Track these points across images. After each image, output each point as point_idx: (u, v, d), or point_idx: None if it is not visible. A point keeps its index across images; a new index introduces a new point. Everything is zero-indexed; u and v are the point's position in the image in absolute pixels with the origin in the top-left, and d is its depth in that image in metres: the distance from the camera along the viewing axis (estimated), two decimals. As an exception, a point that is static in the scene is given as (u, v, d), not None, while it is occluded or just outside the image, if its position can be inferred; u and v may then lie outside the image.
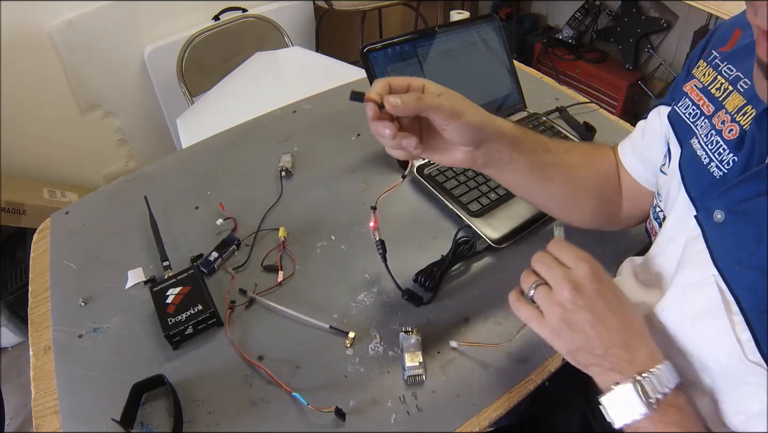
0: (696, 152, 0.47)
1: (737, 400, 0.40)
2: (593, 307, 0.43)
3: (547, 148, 0.58)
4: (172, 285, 0.65)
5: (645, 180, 0.62)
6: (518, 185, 0.59)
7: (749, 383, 0.38)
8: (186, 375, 0.59)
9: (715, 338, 0.40)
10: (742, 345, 0.38)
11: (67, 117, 1.79)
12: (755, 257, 0.38)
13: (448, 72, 0.87)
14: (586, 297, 0.43)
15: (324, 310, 0.65)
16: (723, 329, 0.39)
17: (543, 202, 0.63)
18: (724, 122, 0.45)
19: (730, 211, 0.41)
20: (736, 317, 0.39)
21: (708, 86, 0.49)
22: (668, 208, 0.52)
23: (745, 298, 0.38)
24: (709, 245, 0.42)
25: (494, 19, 0.93)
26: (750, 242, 0.39)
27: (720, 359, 0.40)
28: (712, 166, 0.45)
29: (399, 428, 0.54)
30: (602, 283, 0.44)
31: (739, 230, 0.40)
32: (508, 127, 0.54)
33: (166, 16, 1.82)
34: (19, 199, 1.56)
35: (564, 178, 0.60)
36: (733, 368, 0.39)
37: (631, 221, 0.67)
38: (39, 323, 0.67)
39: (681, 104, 0.52)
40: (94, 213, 0.82)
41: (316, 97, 1.07)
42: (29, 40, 1.59)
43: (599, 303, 0.43)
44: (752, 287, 0.38)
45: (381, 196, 0.54)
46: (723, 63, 0.49)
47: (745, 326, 0.38)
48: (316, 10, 2.14)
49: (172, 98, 1.83)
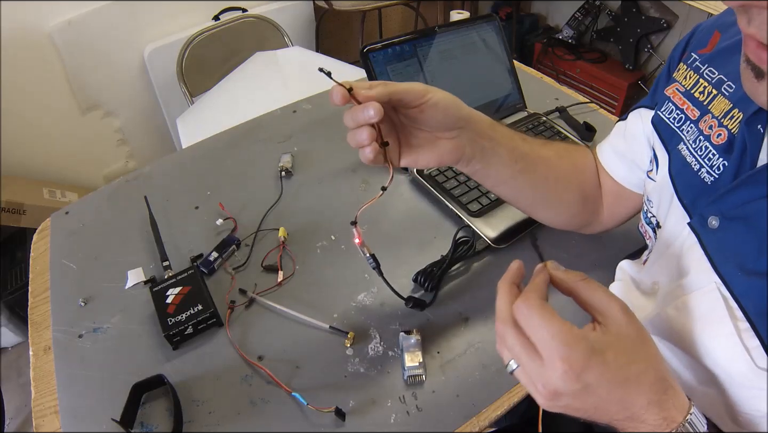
0: (685, 159, 0.47)
1: (745, 402, 0.40)
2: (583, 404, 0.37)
3: (523, 137, 0.58)
4: (172, 285, 0.65)
5: (628, 182, 0.61)
6: (505, 180, 0.58)
7: (759, 387, 0.38)
8: (186, 375, 0.59)
9: (722, 347, 0.40)
10: (749, 352, 0.38)
11: (67, 117, 1.79)
12: (759, 262, 0.37)
13: (448, 72, 0.87)
14: (569, 399, 0.37)
15: (324, 310, 0.65)
16: (729, 336, 0.39)
17: (528, 197, 0.62)
18: (712, 127, 0.45)
19: (725, 216, 0.40)
20: (742, 323, 0.38)
21: (691, 90, 0.49)
22: (662, 215, 0.51)
23: (749, 304, 0.38)
24: (707, 252, 0.41)
25: (494, 19, 0.93)
26: (751, 247, 0.38)
27: (727, 368, 0.40)
28: (703, 172, 0.44)
29: (399, 428, 0.54)
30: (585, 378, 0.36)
31: (738, 235, 0.39)
32: (482, 115, 0.54)
33: (166, 16, 1.82)
34: (19, 199, 1.56)
35: (546, 169, 0.60)
36: (741, 375, 0.39)
37: (612, 221, 0.66)
38: (39, 323, 0.67)
39: (664, 109, 0.52)
40: (94, 213, 0.82)
41: (316, 97, 1.07)
42: (29, 40, 1.59)
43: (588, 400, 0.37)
44: (757, 292, 0.37)
45: (361, 209, 0.50)
46: (704, 66, 0.48)
47: (752, 332, 0.37)
48: (316, 10, 2.14)
49: (172, 98, 1.83)
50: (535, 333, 0.37)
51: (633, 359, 0.37)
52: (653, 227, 0.54)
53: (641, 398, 0.37)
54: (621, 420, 0.38)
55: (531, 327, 0.37)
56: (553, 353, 0.35)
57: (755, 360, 0.37)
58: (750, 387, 0.38)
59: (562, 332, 0.36)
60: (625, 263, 0.59)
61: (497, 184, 0.59)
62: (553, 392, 0.37)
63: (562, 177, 0.61)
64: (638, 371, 0.37)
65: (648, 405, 0.37)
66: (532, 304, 0.37)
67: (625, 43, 2.21)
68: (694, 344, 0.43)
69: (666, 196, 0.50)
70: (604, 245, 0.73)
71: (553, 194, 0.62)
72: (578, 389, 0.36)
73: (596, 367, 0.35)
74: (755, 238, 0.38)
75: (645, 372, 0.37)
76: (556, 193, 0.62)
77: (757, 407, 0.39)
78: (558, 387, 0.36)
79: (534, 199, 0.62)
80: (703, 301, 0.42)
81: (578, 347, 0.35)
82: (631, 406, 0.37)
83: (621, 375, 0.36)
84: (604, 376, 0.36)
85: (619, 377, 0.36)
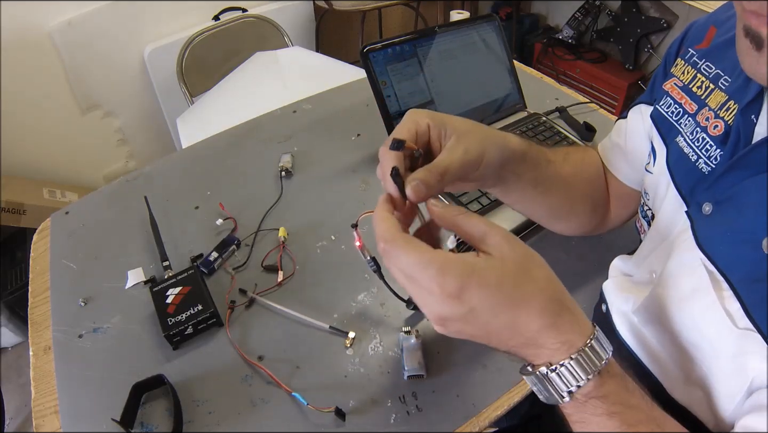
0: (683, 150, 0.48)
1: (730, 377, 0.40)
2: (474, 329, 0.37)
3: (549, 159, 0.57)
4: (172, 285, 0.65)
5: (632, 181, 0.62)
6: (522, 201, 0.58)
7: (741, 353, 0.38)
8: (186, 375, 0.59)
9: (704, 315, 0.40)
10: (731, 315, 0.38)
11: (67, 117, 1.79)
12: (739, 233, 0.38)
13: (448, 72, 0.87)
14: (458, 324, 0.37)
15: (324, 310, 0.65)
16: (711, 304, 0.39)
17: (542, 214, 0.63)
18: (708, 119, 0.46)
19: (716, 201, 0.41)
20: (725, 292, 0.39)
21: (689, 84, 0.50)
22: (657, 207, 0.52)
23: (733, 273, 0.38)
24: (694, 231, 0.42)
25: (494, 19, 0.93)
26: (732, 220, 0.39)
27: (710, 335, 0.40)
28: (701, 162, 0.45)
29: (399, 428, 0.54)
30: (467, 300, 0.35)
31: (724, 215, 0.40)
32: (517, 143, 0.51)
33: (166, 16, 1.82)
34: (19, 199, 1.56)
35: (564, 189, 0.59)
36: (723, 341, 0.39)
37: (618, 221, 0.67)
38: (39, 323, 0.67)
39: (663, 103, 0.53)
40: (94, 213, 0.82)
41: (316, 97, 1.07)
42: (29, 40, 1.59)
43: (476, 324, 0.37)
44: (740, 260, 0.38)
45: (362, 215, 0.49)
46: (701, 61, 0.49)
47: (734, 298, 0.38)
48: (316, 10, 2.14)
49: (172, 98, 1.83)
50: (407, 269, 0.36)
51: (519, 282, 0.36)
52: (648, 220, 0.55)
53: (534, 321, 0.36)
54: (518, 346, 0.37)
55: (403, 266, 0.37)
56: (430, 282, 0.35)
57: (736, 322, 0.38)
58: (734, 355, 0.39)
59: (434, 259, 0.35)
60: (618, 260, 0.60)
61: (513, 203, 0.59)
62: (439, 317, 0.37)
63: (578, 192, 0.62)
64: (526, 293, 0.36)
65: (543, 329, 0.36)
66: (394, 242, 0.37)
67: (625, 43, 2.21)
68: (681, 321, 0.44)
69: (662, 187, 0.50)
70: (604, 245, 0.73)
71: (567, 209, 0.62)
72: (464, 312, 0.36)
73: (477, 289, 0.35)
74: (740, 212, 0.39)
75: (534, 294, 0.36)
76: (571, 208, 0.62)
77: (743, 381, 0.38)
78: (443, 312, 0.36)
79: (549, 215, 0.63)
80: (689, 276, 0.42)
81: (453, 270, 0.35)
82: (524, 330, 0.36)
83: (506, 297, 0.36)
84: (487, 299, 0.35)
85: (504, 299, 0.36)
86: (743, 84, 0.42)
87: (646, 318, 0.49)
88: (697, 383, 0.44)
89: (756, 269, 0.36)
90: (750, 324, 0.37)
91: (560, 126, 0.94)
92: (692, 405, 0.45)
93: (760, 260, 0.36)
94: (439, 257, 0.36)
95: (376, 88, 0.80)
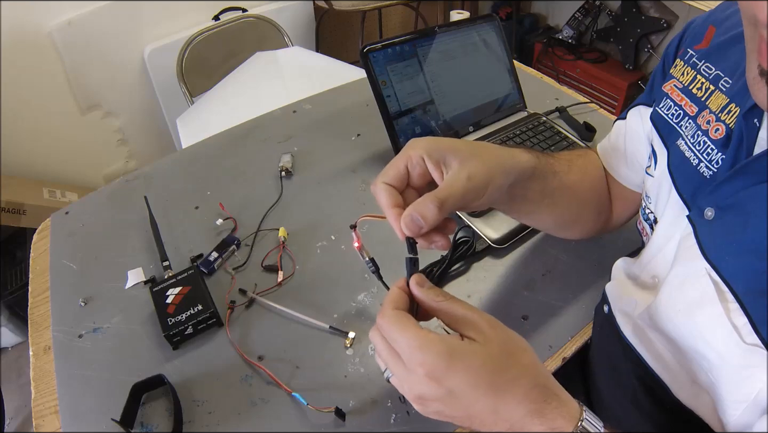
0: (684, 154, 0.47)
1: (737, 386, 0.40)
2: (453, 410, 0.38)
3: (555, 170, 0.56)
4: (172, 285, 0.65)
5: (633, 183, 0.62)
6: (528, 214, 0.57)
7: (748, 366, 0.38)
8: (186, 375, 0.59)
9: (710, 327, 0.40)
10: (738, 330, 0.38)
11: (67, 117, 1.79)
12: (744, 243, 0.38)
13: (448, 72, 0.87)
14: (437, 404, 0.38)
15: (324, 310, 0.65)
16: (717, 316, 0.39)
17: (549, 225, 0.63)
18: (710, 122, 0.45)
19: (719, 207, 0.41)
20: (731, 304, 0.38)
21: (689, 86, 0.49)
22: (659, 210, 0.51)
23: (738, 284, 0.38)
24: (698, 239, 0.42)
25: (494, 19, 0.93)
26: (737, 230, 0.39)
27: (717, 347, 0.40)
28: (702, 166, 0.45)
29: (399, 428, 0.54)
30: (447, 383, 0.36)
31: (728, 223, 0.40)
32: (526, 159, 0.50)
33: (166, 16, 1.82)
34: (19, 199, 1.56)
35: (570, 199, 0.59)
36: (730, 353, 0.39)
37: (619, 221, 0.67)
38: (39, 323, 0.67)
39: (662, 105, 0.52)
40: (94, 213, 0.82)
41: (316, 97, 1.07)
42: (29, 40, 1.59)
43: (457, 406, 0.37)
44: (744, 271, 0.38)
45: (362, 218, 0.49)
46: (701, 61, 0.48)
47: (741, 311, 0.38)
48: (316, 10, 2.14)
49: (172, 98, 1.83)
50: (395, 343, 0.38)
51: (502, 367, 0.37)
52: (650, 223, 0.54)
53: (518, 407, 0.36)
54: (503, 432, 0.37)
55: (392, 339, 0.38)
56: (412, 359, 0.36)
57: (743, 337, 0.37)
58: (740, 367, 0.38)
59: (419, 338, 0.36)
60: (621, 262, 0.60)
61: (519, 217, 0.58)
62: (419, 397, 0.38)
63: (583, 200, 0.61)
64: (509, 378, 0.37)
65: (528, 415, 0.36)
66: (388, 316, 0.39)
67: (625, 43, 2.21)
68: (687, 329, 0.43)
69: (664, 191, 0.50)
70: (604, 245, 0.73)
71: (574, 217, 0.62)
72: (443, 393, 0.36)
73: (458, 372, 0.36)
74: (745, 222, 0.38)
75: (517, 380, 0.37)
76: (577, 216, 0.62)
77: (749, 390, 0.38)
78: (422, 392, 0.37)
79: (556, 225, 0.63)
80: (693, 286, 0.42)
81: (435, 351, 0.36)
82: (508, 416, 0.36)
83: (488, 382, 0.36)
84: (468, 382, 0.36)
85: (486, 384, 0.36)
86: (744, 87, 0.42)
87: (651, 324, 0.48)
88: (703, 388, 0.43)
89: (761, 279, 0.36)
90: (758, 340, 0.36)
91: (560, 126, 0.94)
92: (698, 408, 0.45)
93: (765, 271, 0.36)
94: (421, 334, 0.37)
95: (376, 88, 0.80)
